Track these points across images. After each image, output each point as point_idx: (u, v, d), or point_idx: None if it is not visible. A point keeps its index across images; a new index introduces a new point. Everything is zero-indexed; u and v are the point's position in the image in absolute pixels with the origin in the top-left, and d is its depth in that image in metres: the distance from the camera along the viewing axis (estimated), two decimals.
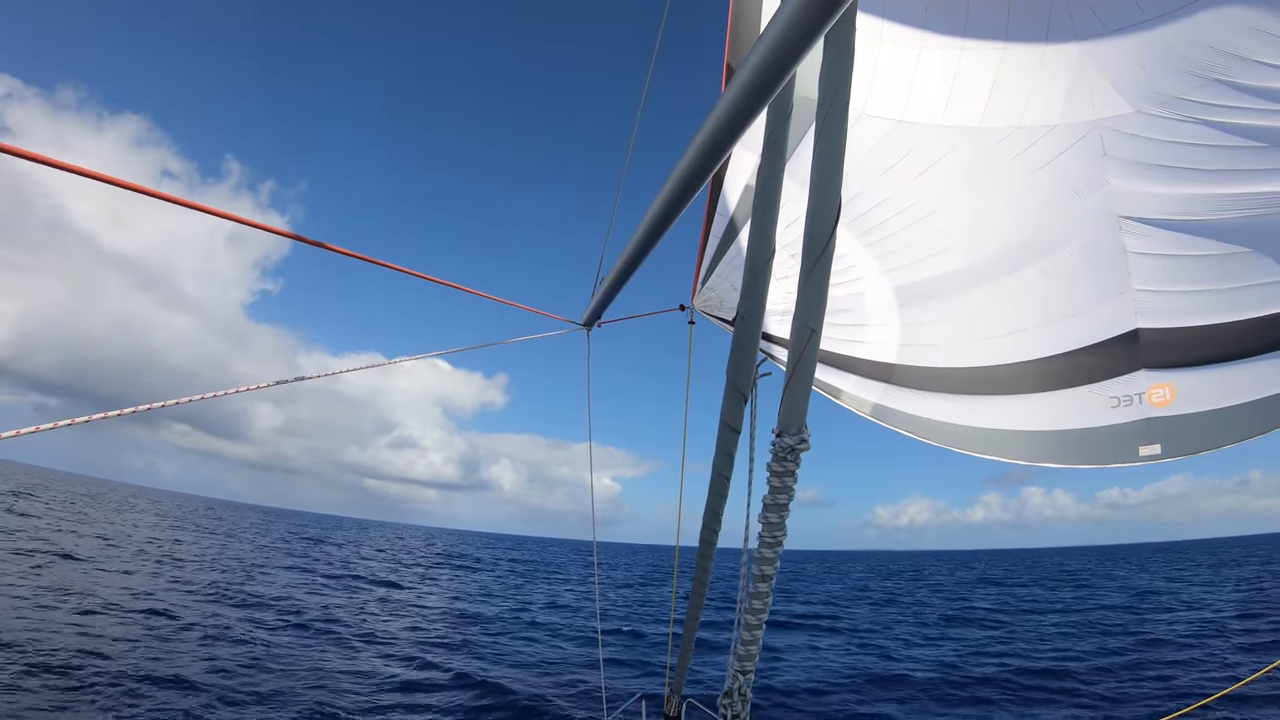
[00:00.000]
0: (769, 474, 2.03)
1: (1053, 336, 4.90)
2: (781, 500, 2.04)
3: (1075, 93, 4.64)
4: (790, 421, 1.95)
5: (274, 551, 45.37)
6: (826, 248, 1.86)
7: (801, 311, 1.91)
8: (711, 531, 2.91)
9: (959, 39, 4.89)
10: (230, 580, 26.46)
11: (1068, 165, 4.70)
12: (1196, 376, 4.37)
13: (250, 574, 29.85)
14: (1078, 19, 4.56)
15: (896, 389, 5.51)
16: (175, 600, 19.89)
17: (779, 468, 2.00)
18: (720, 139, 1.78)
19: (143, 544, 36.53)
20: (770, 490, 2.04)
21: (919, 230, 5.23)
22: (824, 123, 1.90)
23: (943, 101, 5.04)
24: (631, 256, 2.73)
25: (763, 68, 1.48)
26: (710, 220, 5.46)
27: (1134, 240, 4.58)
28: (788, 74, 1.50)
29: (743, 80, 1.55)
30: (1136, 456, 4.49)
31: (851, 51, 1.92)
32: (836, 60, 1.91)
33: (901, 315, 5.45)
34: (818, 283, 1.89)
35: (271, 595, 23.63)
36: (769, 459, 2.02)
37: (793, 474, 2.01)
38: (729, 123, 1.69)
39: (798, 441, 1.95)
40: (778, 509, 2.05)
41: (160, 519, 68.15)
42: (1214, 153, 4.27)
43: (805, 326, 1.89)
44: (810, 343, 1.88)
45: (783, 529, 2.08)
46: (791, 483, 2.02)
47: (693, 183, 2.02)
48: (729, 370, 2.57)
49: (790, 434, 1.95)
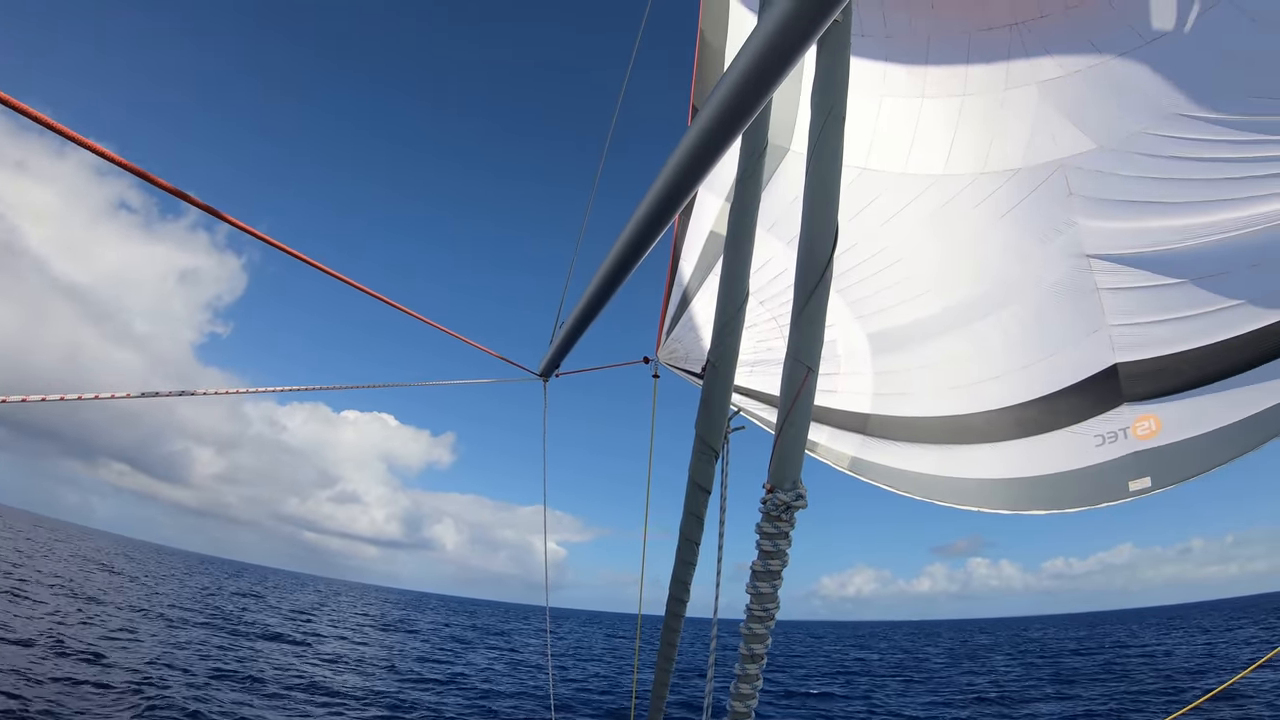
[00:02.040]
0: (759, 536, 1.77)
1: (1030, 380, 4.80)
2: (774, 566, 1.76)
3: (1038, 134, 4.64)
4: (784, 474, 1.68)
5: (181, 599, 42.18)
6: (823, 276, 1.66)
7: (796, 349, 1.68)
8: (679, 603, 2.60)
9: (919, 88, 4.89)
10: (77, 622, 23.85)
11: (1033, 208, 4.68)
12: (1181, 404, 4.30)
13: (105, 617, 26.93)
14: (1036, 64, 4.59)
15: (873, 440, 5.34)
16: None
17: (772, 529, 1.72)
18: (690, 170, 1.62)
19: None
20: (761, 555, 1.77)
21: (888, 277, 5.16)
22: (818, 140, 1.74)
23: (905, 150, 5.03)
24: (591, 303, 2.52)
25: (743, 80, 1.34)
26: (675, 267, 5.32)
27: (1104, 277, 4.55)
28: (771, 88, 1.35)
29: (719, 100, 1.40)
30: (1126, 492, 4.37)
31: (847, 61, 1.77)
32: (830, 70, 1.76)
33: (874, 363, 5.33)
34: (814, 316, 1.67)
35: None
36: (758, 519, 1.77)
37: (787, 535, 1.74)
38: (700, 151, 1.55)
39: (793, 498, 1.67)
40: (769, 576, 1.77)
41: (73, 558, 63.50)
42: (1178, 185, 4.30)
43: (801, 365, 1.66)
44: (806, 384, 1.65)
45: (775, 600, 1.79)
46: (786, 546, 1.75)
47: (659, 220, 1.83)
48: (698, 424, 2.32)
49: (784, 489, 1.68)
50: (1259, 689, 19.77)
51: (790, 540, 1.75)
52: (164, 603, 37.02)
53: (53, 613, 23.61)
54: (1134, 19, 4.28)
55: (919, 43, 4.86)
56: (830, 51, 1.84)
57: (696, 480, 2.33)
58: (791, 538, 1.76)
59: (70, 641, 18.56)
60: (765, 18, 1.23)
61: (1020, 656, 47.16)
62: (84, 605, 28.51)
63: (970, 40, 4.73)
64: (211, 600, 44.94)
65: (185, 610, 34.97)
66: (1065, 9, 4.44)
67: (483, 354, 3.70)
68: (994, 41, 4.69)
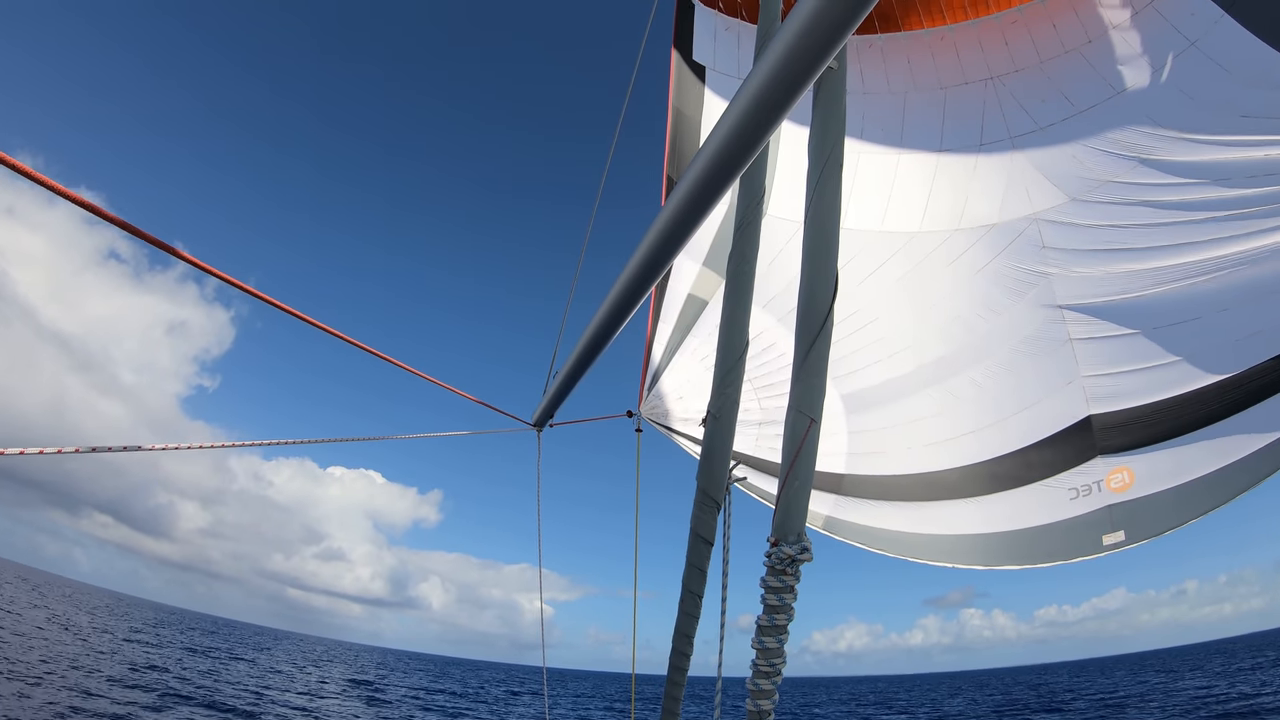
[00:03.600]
0: (764, 590, 1.70)
1: (1003, 435, 4.78)
2: (780, 620, 1.68)
3: (1012, 189, 4.72)
4: (788, 527, 1.61)
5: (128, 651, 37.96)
6: (824, 327, 1.62)
7: (798, 399, 1.63)
8: (683, 657, 2.51)
9: (895, 147, 5.02)
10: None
11: (1007, 263, 4.73)
12: (1154, 456, 4.28)
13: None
14: (1010, 120, 4.71)
15: (847, 500, 5.28)
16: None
17: (777, 582, 1.64)
18: (686, 217, 1.57)
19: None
20: (766, 609, 1.70)
21: (863, 337, 5.17)
22: (817, 188, 1.73)
23: (882, 206, 5.11)
24: (584, 353, 2.48)
25: (738, 127, 1.31)
26: (654, 325, 5.30)
27: (1077, 327, 4.58)
28: (769, 131, 1.29)
29: (718, 141, 1.36)
30: (1100, 547, 4.31)
31: (843, 108, 1.78)
32: (827, 117, 1.75)
33: (849, 423, 5.30)
34: (816, 366, 1.62)
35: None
36: (763, 573, 1.72)
37: (792, 590, 1.67)
38: (697, 197, 1.50)
39: (798, 550, 1.60)
40: (775, 631, 1.69)
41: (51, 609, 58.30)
42: (1146, 231, 4.36)
43: (804, 416, 1.61)
44: (809, 435, 1.59)
45: (781, 655, 1.72)
46: (791, 600, 1.68)
47: (652, 270, 1.79)
48: (700, 475, 2.26)
49: (789, 542, 1.60)
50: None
51: (795, 594, 1.69)
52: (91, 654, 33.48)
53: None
54: (1106, 70, 4.42)
55: (896, 99, 4.98)
56: (826, 98, 1.86)
57: (699, 532, 2.26)
58: (797, 591, 1.71)
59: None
60: (759, 64, 1.21)
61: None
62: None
63: (946, 95, 4.86)
64: (146, 654, 40.45)
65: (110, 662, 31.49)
66: (1040, 63, 4.60)
67: (474, 406, 3.64)
68: (969, 96, 4.81)
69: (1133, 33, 4.33)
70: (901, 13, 4.95)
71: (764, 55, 1.20)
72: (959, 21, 4.84)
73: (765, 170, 2.20)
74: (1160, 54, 4.26)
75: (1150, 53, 4.29)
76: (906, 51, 4.95)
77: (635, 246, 1.79)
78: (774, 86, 1.20)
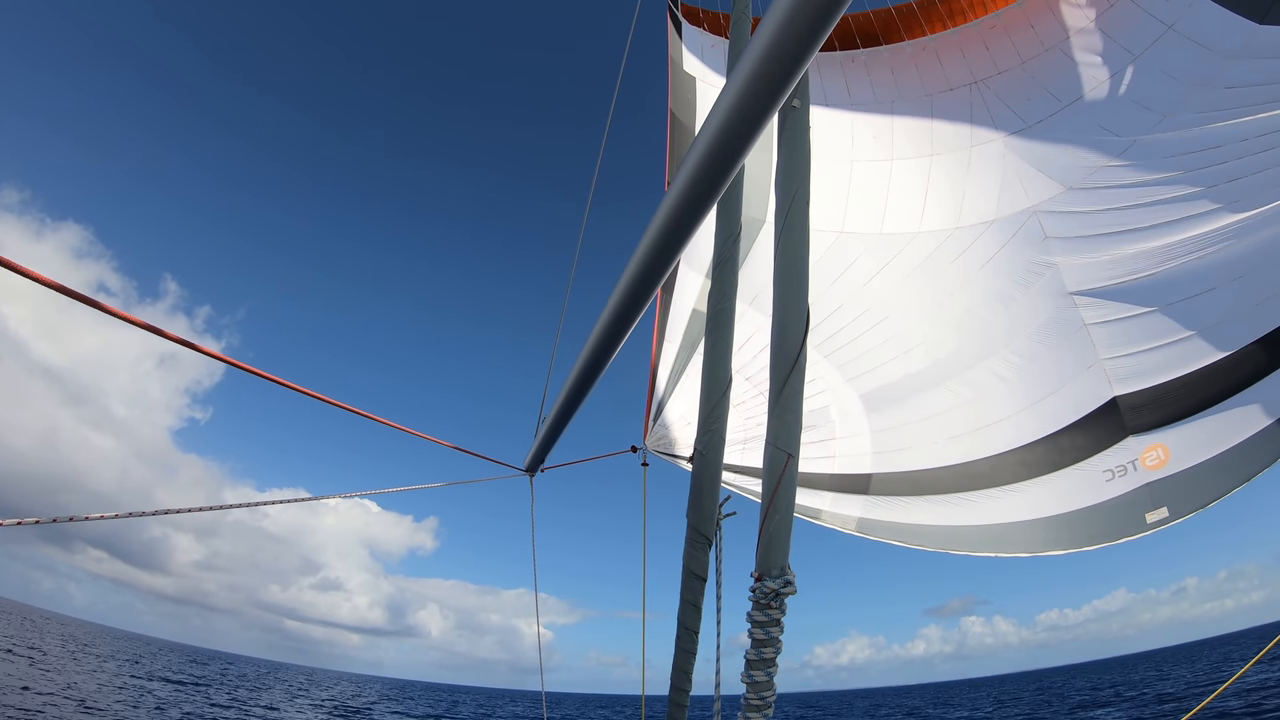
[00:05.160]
0: (750, 625, 1.71)
1: (1030, 423, 4.75)
2: (768, 654, 1.69)
3: (1007, 185, 4.75)
4: (771, 561, 1.64)
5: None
6: (797, 362, 1.66)
7: (774, 435, 1.66)
8: (682, 693, 2.48)
9: (888, 151, 5.03)
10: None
11: (1012, 256, 4.74)
12: (1186, 430, 4.23)
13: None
14: (998, 119, 4.73)
15: (878, 499, 5.25)
16: None
17: (762, 616, 1.66)
18: (665, 246, 1.56)
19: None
20: (753, 643, 1.71)
21: (875, 336, 5.18)
22: (784, 224, 1.76)
23: (880, 211, 5.12)
24: (572, 393, 2.48)
25: (708, 157, 1.31)
26: (659, 349, 5.31)
27: (1090, 312, 4.56)
28: (736, 163, 1.31)
29: (687, 175, 1.37)
30: (1145, 525, 4.25)
31: (808, 146, 1.81)
32: (791, 155, 1.80)
33: (870, 423, 5.28)
34: (790, 401, 1.66)
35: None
36: (748, 608, 1.73)
37: (778, 623, 1.68)
38: (673, 226, 1.50)
39: (782, 585, 1.62)
40: (763, 664, 1.70)
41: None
42: (1147, 210, 4.36)
43: (780, 452, 1.64)
44: (787, 469, 1.62)
45: (771, 689, 1.72)
46: (778, 633, 1.68)
47: (638, 299, 1.78)
48: (689, 512, 2.27)
49: (772, 576, 1.63)
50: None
51: (782, 627, 1.70)
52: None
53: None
54: (1088, 63, 4.43)
55: (883, 108, 5.01)
56: (791, 135, 1.89)
57: (691, 569, 2.27)
58: (783, 624, 1.71)
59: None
60: (725, 90, 1.23)
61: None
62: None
63: (933, 102, 4.88)
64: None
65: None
66: (1022, 63, 4.60)
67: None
68: (955, 101, 4.83)
69: (1110, 24, 4.34)
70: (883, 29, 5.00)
71: (728, 86, 1.21)
72: (939, 32, 4.85)
73: (740, 206, 2.23)
74: (1139, 41, 4.26)
75: (1129, 41, 4.29)
76: (890, 64, 4.99)
77: (614, 283, 1.80)
78: (738, 118, 1.21)
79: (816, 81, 5.02)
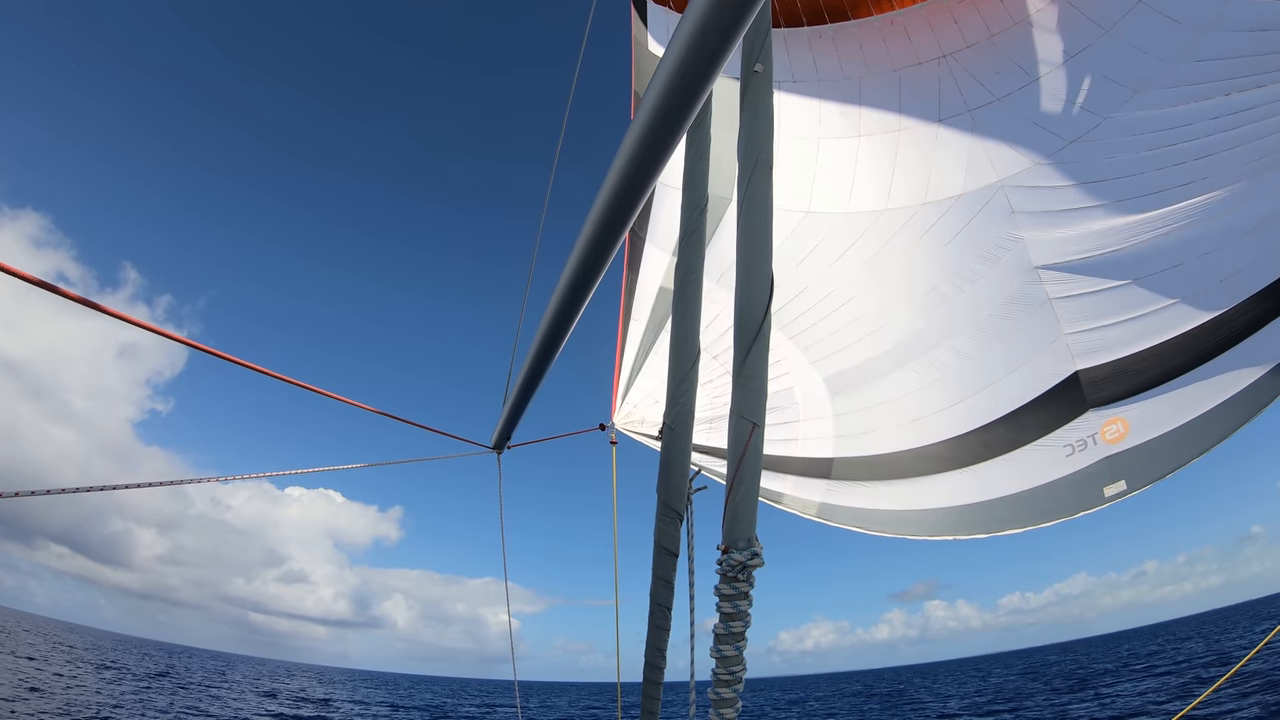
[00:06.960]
0: (718, 599, 1.67)
1: (991, 401, 4.77)
2: (736, 628, 1.66)
3: (975, 159, 4.74)
4: (737, 533, 1.60)
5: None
6: (761, 329, 1.61)
7: (739, 404, 1.62)
8: (656, 670, 2.47)
9: (855, 128, 5.00)
10: None
11: (978, 231, 4.74)
12: (1146, 403, 4.28)
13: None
14: (967, 94, 4.71)
15: (839, 484, 5.25)
16: None
17: (730, 589, 1.62)
18: (633, 183, 1.45)
19: None
20: (721, 617, 1.68)
21: (840, 318, 5.16)
22: (747, 190, 1.70)
23: (847, 189, 5.10)
24: (536, 362, 2.43)
25: (670, 89, 1.20)
26: (625, 328, 5.26)
27: (1055, 287, 4.58)
28: (699, 97, 1.22)
29: (653, 101, 1.25)
30: (1102, 498, 4.31)
31: (770, 111, 1.76)
32: (754, 120, 1.74)
33: (834, 405, 5.28)
34: (754, 370, 1.61)
35: None
36: (716, 581, 1.69)
37: (746, 595, 1.65)
38: (641, 156, 1.37)
39: (749, 557, 1.58)
40: (732, 639, 1.67)
41: None
42: (1114, 185, 4.38)
43: (745, 421, 1.59)
44: (752, 439, 1.58)
45: (740, 662, 1.70)
46: (746, 606, 1.65)
47: (602, 249, 1.67)
48: (660, 488, 2.23)
49: (739, 549, 1.59)
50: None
51: (751, 600, 1.66)
52: None
53: None
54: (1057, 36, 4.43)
55: (851, 84, 4.98)
56: (753, 101, 1.85)
57: (663, 544, 2.23)
58: (752, 597, 1.68)
59: None
60: (670, 47, 1.15)
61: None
62: None
63: (900, 76, 4.87)
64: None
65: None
66: (990, 37, 4.61)
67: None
68: (924, 75, 4.82)
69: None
70: (850, 4, 4.95)
71: (671, 43, 1.16)
72: (907, 6, 4.85)
73: (706, 179, 2.18)
74: (1109, 14, 4.28)
75: (1098, 14, 4.31)
76: (858, 38, 4.97)
77: (569, 249, 1.76)
78: (682, 76, 1.16)
79: (784, 58, 4.98)
